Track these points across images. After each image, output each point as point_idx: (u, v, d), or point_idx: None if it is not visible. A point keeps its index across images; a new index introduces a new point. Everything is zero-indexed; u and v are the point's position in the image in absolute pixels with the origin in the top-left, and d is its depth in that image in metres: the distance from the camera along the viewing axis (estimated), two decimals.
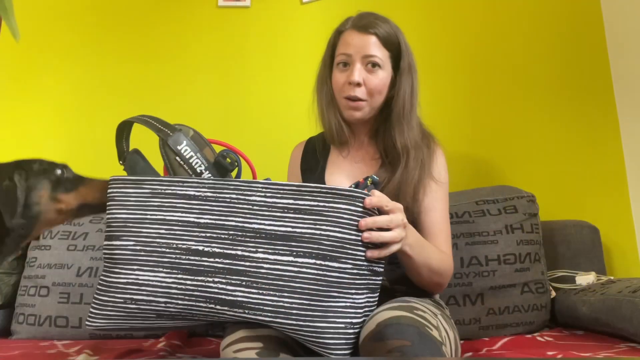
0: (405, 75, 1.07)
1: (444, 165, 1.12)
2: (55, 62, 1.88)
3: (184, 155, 0.85)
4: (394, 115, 1.06)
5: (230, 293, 0.73)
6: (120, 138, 0.94)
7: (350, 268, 0.74)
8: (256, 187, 0.77)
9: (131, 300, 0.78)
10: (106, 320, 0.80)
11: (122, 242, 0.80)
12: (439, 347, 0.69)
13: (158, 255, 0.77)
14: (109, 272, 0.81)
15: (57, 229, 1.44)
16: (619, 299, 1.08)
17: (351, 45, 1.05)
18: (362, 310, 0.76)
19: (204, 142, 0.88)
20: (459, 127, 1.75)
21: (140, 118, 0.89)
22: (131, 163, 0.90)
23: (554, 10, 1.80)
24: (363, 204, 0.75)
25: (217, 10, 1.91)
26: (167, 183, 0.81)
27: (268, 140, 1.80)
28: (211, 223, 0.77)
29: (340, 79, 1.07)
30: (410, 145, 1.05)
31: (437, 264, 0.95)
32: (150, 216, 0.80)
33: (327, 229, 0.73)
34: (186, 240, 0.77)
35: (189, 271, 0.76)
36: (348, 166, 1.14)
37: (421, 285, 1.00)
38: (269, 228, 0.75)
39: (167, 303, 0.76)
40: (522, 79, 1.77)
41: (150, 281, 0.77)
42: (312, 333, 0.72)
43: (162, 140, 0.86)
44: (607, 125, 1.70)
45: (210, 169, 0.85)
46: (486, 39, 1.81)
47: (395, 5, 1.84)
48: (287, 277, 0.72)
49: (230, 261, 0.75)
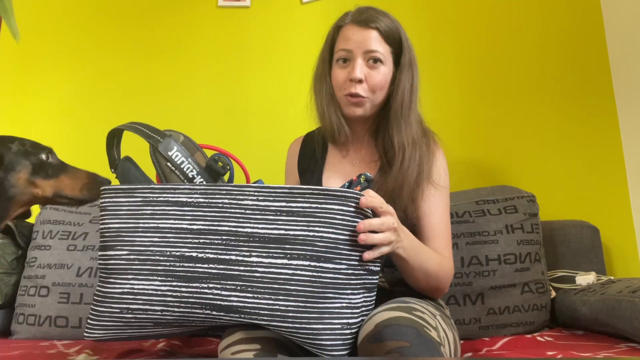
0: (406, 71, 1.04)
1: (445, 168, 1.09)
2: (55, 62, 1.88)
3: (175, 161, 0.84)
4: (392, 112, 1.04)
5: (225, 298, 0.73)
6: (111, 146, 0.94)
7: (344, 268, 0.74)
8: (248, 191, 0.77)
9: (127, 310, 0.77)
10: (104, 330, 0.80)
11: (116, 252, 0.80)
12: (438, 348, 0.69)
13: (152, 264, 0.77)
14: (104, 282, 0.81)
15: (57, 228, 1.44)
16: (619, 299, 1.08)
17: (351, 40, 1.02)
18: (359, 311, 0.76)
19: (194, 147, 0.88)
20: (459, 127, 1.75)
21: (129, 125, 0.89)
22: (123, 171, 0.89)
23: (554, 11, 1.80)
24: (357, 204, 0.75)
25: (217, 10, 1.91)
26: (158, 190, 0.80)
27: (268, 139, 1.80)
28: (204, 229, 0.77)
29: (341, 76, 1.04)
30: (407, 142, 1.02)
31: (434, 268, 0.93)
32: (143, 224, 0.79)
33: (320, 231, 0.73)
34: (180, 247, 0.77)
35: (183, 278, 0.75)
36: (347, 168, 1.11)
37: (419, 289, 0.98)
38: (262, 231, 0.74)
39: (163, 311, 0.76)
40: (522, 79, 1.77)
41: (145, 290, 0.77)
42: (309, 335, 0.71)
43: (153, 147, 0.85)
44: (607, 125, 1.70)
45: (202, 174, 0.85)
46: (486, 39, 1.81)
47: (396, 4, 1.84)
48: (281, 280, 0.72)
49: (224, 266, 0.74)
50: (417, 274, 0.92)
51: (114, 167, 0.93)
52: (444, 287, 0.98)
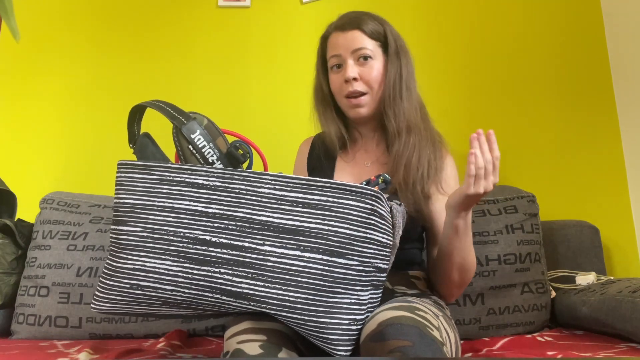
0: (394, 60, 1.06)
1: (455, 174, 1.10)
2: (55, 62, 1.87)
3: (197, 144, 0.84)
4: (385, 100, 1.06)
5: (236, 284, 0.73)
6: (133, 121, 0.93)
7: (356, 265, 0.74)
8: (266, 179, 0.77)
9: (137, 287, 0.77)
10: (111, 304, 0.80)
11: (129, 228, 0.79)
12: (440, 348, 0.69)
13: (165, 243, 0.77)
14: (115, 256, 0.80)
15: (57, 228, 1.44)
16: (619, 299, 1.08)
17: (338, 45, 1.06)
18: (365, 307, 0.76)
19: (217, 132, 0.87)
20: (459, 127, 1.75)
21: (154, 103, 0.88)
22: (141, 146, 0.89)
23: (554, 10, 1.80)
24: (373, 201, 0.75)
25: (217, 10, 1.91)
26: (175, 170, 0.80)
27: (268, 139, 1.80)
28: (219, 213, 0.76)
29: (337, 80, 1.08)
30: (401, 127, 1.04)
31: (471, 260, 0.96)
32: (158, 203, 0.79)
33: (335, 225, 0.73)
34: (194, 229, 0.77)
35: (195, 260, 0.75)
36: (359, 169, 1.12)
37: (449, 280, 0.99)
38: (277, 221, 0.75)
39: (173, 291, 0.76)
40: (522, 79, 1.77)
41: (157, 268, 0.77)
42: (316, 328, 0.72)
43: (176, 128, 0.85)
44: (607, 125, 1.70)
45: (222, 160, 0.84)
46: (486, 39, 1.81)
47: (392, 5, 1.84)
48: (293, 271, 0.72)
49: (237, 252, 0.74)
50: (458, 260, 0.95)
51: (133, 142, 0.93)
52: (466, 285, 1.01)
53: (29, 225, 1.51)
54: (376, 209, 0.76)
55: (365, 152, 1.14)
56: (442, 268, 0.99)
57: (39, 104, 1.85)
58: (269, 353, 0.73)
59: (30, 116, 1.84)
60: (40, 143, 1.82)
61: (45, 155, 1.81)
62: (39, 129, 1.83)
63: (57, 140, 1.83)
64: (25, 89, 1.85)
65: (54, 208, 1.48)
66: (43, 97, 1.85)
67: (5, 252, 1.43)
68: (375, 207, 0.76)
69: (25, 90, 1.85)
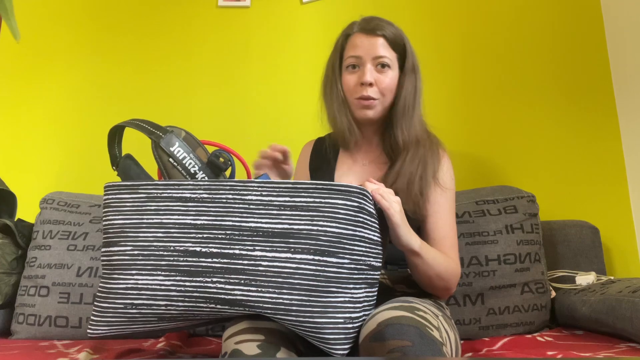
0: (409, 74, 1.10)
1: (450, 172, 1.12)
2: (55, 63, 1.88)
3: (177, 157, 0.85)
4: (397, 113, 1.09)
5: (229, 292, 0.73)
6: (113, 143, 0.94)
7: (347, 263, 0.74)
8: (252, 187, 0.77)
9: (132, 305, 0.77)
10: (108, 326, 0.80)
11: (119, 248, 0.80)
12: (440, 348, 0.69)
13: (156, 259, 0.77)
14: (108, 278, 0.81)
15: (57, 228, 1.44)
16: (619, 299, 1.08)
17: (360, 47, 1.08)
18: (360, 305, 0.76)
19: (196, 143, 0.88)
20: (459, 127, 1.76)
21: (131, 122, 0.89)
22: (124, 168, 0.90)
23: (554, 10, 1.80)
24: (360, 199, 0.76)
25: (217, 10, 1.91)
26: (162, 186, 0.81)
27: (268, 139, 1.80)
28: (208, 224, 0.77)
29: (351, 81, 1.09)
30: (411, 141, 1.07)
31: (444, 269, 0.96)
32: (147, 220, 0.79)
33: (324, 225, 0.74)
34: (183, 242, 0.77)
35: (187, 272, 0.75)
36: (358, 168, 1.15)
37: (428, 288, 1.00)
38: (266, 226, 0.75)
39: (167, 306, 0.76)
40: (522, 79, 1.77)
41: (149, 285, 0.77)
42: (312, 328, 0.72)
43: (155, 143, 0.85)
44: (607, 125, 1.70)
45: (204, 169, 0.85)
46: (486, 39, 1.81)
47: (392, 5, 1.84)
48: (285, 273, 0.72)
49: (228, 260, 0.74)
50: (428, 272, 0.95)
51: (116, 164, 0.94)
52: (451, 287, 1.01)
53: (29, 225, 1.52)
54: (363, 206, 0.77)
55: (365, 152, 1.17)
56: (421, 282, 1.00)
57: (40, 104, 1.85)
58: (267, 353, 0.73)
59: (30, 116, 1.84)
60: (40, 143, 1.82)
61: (45, 155, 1.81)
62: (39, 129, 1.83)
63: (57, 141, 1.83)
64: (26, 89, 1.86)
65: (54, 208, 1.48)
66: (43, 98, 1.85)
67: (5, 252, 1.43)
68: (363, 205, 0.76)
69: (26, 90, 1.86)
